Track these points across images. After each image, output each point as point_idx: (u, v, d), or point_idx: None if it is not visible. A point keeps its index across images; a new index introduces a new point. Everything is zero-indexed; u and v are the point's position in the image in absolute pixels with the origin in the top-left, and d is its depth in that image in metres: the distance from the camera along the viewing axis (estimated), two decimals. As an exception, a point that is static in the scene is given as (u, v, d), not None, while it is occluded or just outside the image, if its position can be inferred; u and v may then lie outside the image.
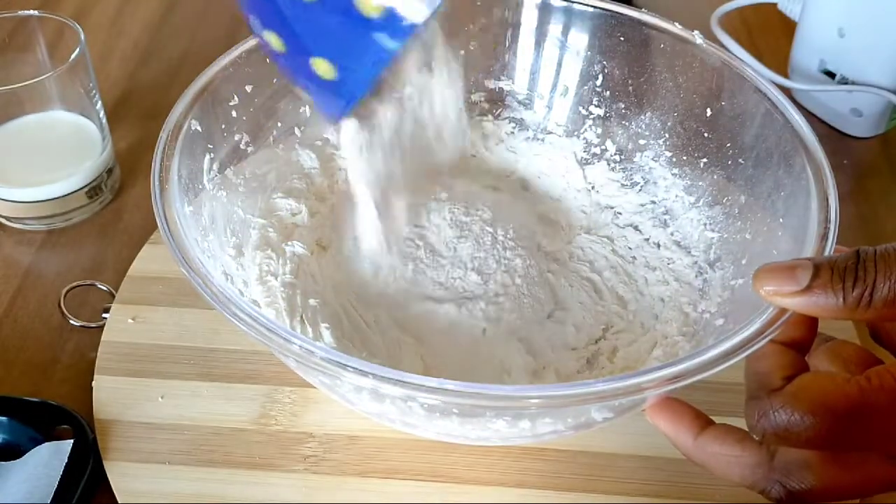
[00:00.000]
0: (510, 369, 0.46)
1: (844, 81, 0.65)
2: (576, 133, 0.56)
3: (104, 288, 0.52)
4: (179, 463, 0.44)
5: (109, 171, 0.59)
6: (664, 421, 0.37)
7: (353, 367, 0.34)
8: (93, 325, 0.51)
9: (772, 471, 0.34)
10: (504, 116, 0.58)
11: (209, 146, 0.46)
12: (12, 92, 0.54)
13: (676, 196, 0.53)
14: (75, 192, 0.57)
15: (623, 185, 0.55)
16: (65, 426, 0.44)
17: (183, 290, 0.51)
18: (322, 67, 0.38)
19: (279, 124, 0.52)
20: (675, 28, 0.51)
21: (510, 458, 0.44)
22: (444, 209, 0.51)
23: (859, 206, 0.61)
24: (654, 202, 0.54)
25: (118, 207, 0.59)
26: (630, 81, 0.54)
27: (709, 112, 0.51)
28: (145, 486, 0.43)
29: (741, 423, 0.45)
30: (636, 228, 0.53)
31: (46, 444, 0.43)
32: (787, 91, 0.66)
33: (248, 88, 0.49)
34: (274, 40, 0.39)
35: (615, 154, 0.55)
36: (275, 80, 0.51)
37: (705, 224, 0.51)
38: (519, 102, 0.57)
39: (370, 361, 0.34)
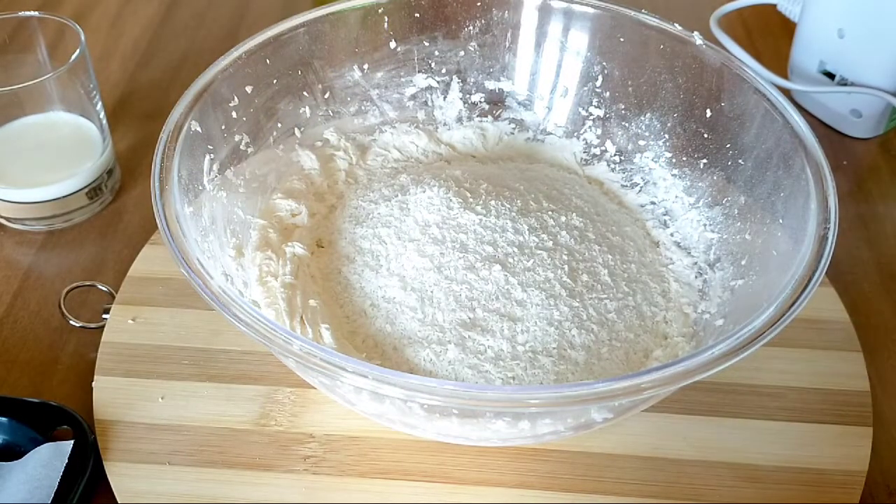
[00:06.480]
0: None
1: (844, 82, 0.65)
2: (576, 134, 0.56)
3: (104, 288, 0.52)
4: (179, 463, 0.44)
5: (109, 172, 0.59)
6: None
7: (353, 368, 0.34)
8: (93, 325, 0.51)
9: None
10: (504, 117, 0.58)
11: (209, 147, 0.46)
12: (13, 93, 0.54)
13: (676, 197, 0.53)
14: (75, 192, 0.57)
15: (623, 185, 0.55)
16: (65, 426, 0.44)
17: (183, 291, 0.51)
18: None
19: (279, 125, 0.52)
20: (675, 29, 0.51)
21: (510, 459, 0.44)
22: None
23: (859, 206, 0.61)
24: (653, 203, 0.54)
25: (118, 208, 0.59)
26: (630, 82, 0.54)
27: (708, 113, 0.51)
28: (145, 486, 0.43)
29: (741, 424, 0.46)
30: (636, 229, 0.54)
31: (46, 444, 0.43)
32: (786, 92, 0.66)
33: (248, 89, 0.49)
34: None
35: (615, 155, 0.55)
36: (275, 81, 0.51)
37: (705, 225, 0.51)
38: (519, 103, 0.57)
39: (370, 362, 0.34)
